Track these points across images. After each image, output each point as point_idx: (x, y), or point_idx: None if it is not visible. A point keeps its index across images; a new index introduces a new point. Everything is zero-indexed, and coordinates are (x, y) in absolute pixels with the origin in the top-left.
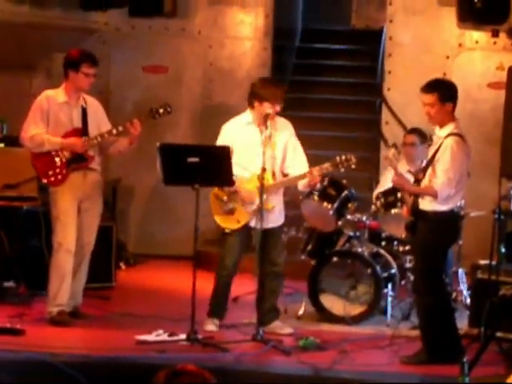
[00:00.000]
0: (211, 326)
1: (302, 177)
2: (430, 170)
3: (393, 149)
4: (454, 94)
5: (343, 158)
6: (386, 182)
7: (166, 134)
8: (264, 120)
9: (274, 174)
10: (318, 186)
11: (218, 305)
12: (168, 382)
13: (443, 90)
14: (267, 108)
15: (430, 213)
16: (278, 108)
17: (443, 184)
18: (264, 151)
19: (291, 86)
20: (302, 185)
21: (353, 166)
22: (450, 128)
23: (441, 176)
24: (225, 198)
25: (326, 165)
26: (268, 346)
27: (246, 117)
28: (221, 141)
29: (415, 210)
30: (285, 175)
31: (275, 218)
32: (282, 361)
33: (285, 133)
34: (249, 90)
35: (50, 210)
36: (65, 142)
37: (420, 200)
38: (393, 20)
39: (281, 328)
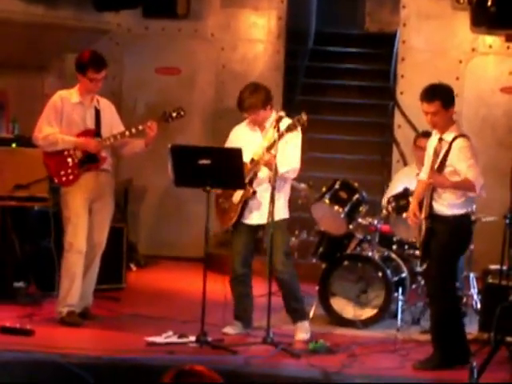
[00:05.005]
0: (227, 329)
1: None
2: (444, 172)
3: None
4: (453, 96)
5: (295, 120)
6: (396, 186)
7: (177, 136)
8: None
9: (252, 161)
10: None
11: (237, 309)
12: (176, 381)
13: (444, 96)
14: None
15: (449, 217)
16: (252, 116)
17: (475, 175)
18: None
19: (304, 89)
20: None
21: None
22: (453, 131)
23: (469, 171)
24: (220, 199)
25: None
26: (277, 348)
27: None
28: (227, 143)
29: (431, 215)
30: None
31: (261, 214)
32: (291, 363)
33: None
34: None
35: (61, 210)
36: (78, 141)
37: (436, 205)
38: (406, 24)
39: (297, 332)
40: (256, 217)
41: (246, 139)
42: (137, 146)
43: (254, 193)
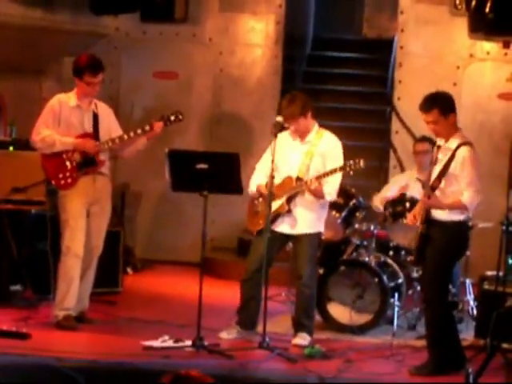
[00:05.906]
0: (223, 334)
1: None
2: (444, 178)
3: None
4: (452, 103)
5: (351, 162)
6: (390, 188)
7: (174, 140)
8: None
9: (298, 180)
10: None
11: (240, 312)
12: None
13: (442, 103)
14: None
15: (447, 222)
16: (290, 126)
17: (471, 197)
18: (273, 159)
19: None
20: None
21: (361, 168)
22: (457, 138)
23: (467, 190)
24: (256, 201)
25: (332, 169)
26: (274, 353)
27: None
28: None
29: (428, 220)
30: None
31: (298, 224)
32: (287, 368)
33: (326, 146)
34: None
35: (58, 213)
36: (76, 142)
37: (434, 211)
38: (404, 29)
39: (296, 338)
40: (287, 226)
41: (288, 148)
42: (140, 144)
43: (289, 211)
